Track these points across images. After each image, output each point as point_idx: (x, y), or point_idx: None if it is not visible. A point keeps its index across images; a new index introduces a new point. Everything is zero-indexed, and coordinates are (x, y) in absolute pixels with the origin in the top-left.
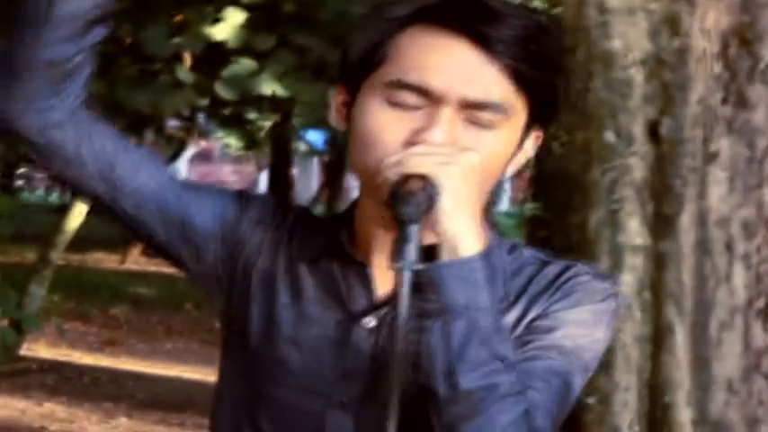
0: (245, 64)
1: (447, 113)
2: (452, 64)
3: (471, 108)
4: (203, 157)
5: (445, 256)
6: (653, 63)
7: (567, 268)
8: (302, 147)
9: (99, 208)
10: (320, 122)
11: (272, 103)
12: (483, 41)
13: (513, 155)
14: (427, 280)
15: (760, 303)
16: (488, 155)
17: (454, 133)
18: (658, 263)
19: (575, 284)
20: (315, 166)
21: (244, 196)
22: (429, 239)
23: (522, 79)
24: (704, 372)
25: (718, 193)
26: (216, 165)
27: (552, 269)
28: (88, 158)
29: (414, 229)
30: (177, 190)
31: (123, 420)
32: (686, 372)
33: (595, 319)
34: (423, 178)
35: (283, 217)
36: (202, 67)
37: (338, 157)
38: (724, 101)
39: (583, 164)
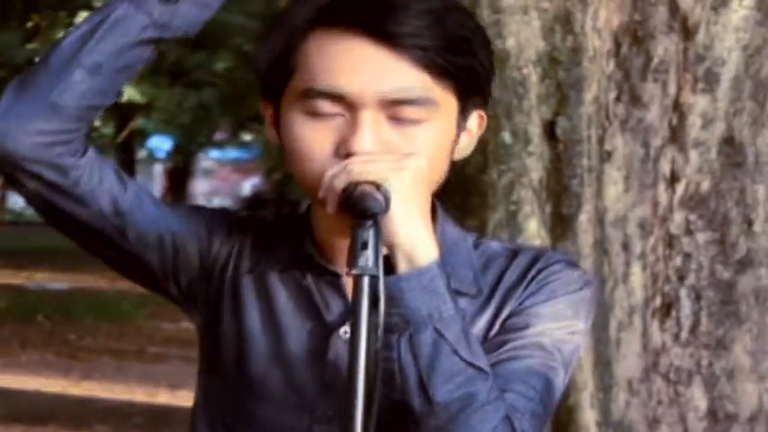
0: None
1: (368, 116)
2: (361, 64)
3: (392, 106)
4: None
5: (401, 267)
6: (547, 62)
7: (537, 257)
8: (143, 153)
9: (96, 247)
10: (172, 128)
11: (117, 108)
12: (388, 37)
13: (454, 142)
14: (386, 294)
15: (656, 303)
16: (425, 150)
17: (382, 136)
18: None
19: (548, 275)
20: (157, 173)
21: (209, 213)
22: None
23: (438, 67)
24: (606, 373)
25: (614, 193)
26: None
27: (523, 260)
28: (101, 195)
29: (371, 232)
30: (169, 217)
31: None
32: (589, 373)
33: (573, 310)
34: (372, 184)
35: (242, 229)
36: None
37: (183, 163)
38: (617, 99)
39: (479, 165)
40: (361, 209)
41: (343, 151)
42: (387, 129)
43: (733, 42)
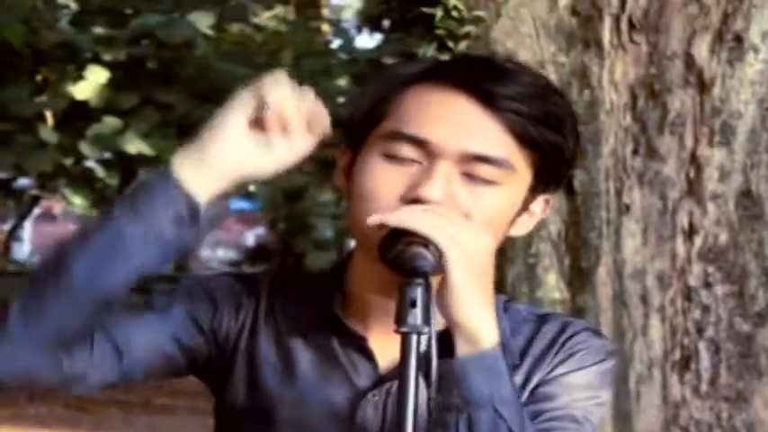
0: (110, 123)
1: (444, 167)
2: (452, 117)
3: (470, 162)
4: (46, 216)
5: (463, 347)
6: None
7: (565, 326)
8: None
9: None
10: None
11: (122, 160)
12: (486, 97)
13: (517, 216)
14: (448, 374)
15: (675, 356)
16: (487, 211)
17: (451, 188)
18: (577, 316)
19: (576, 344)
20: None
21: (212, 287)
22: (437, 325)
23: (525, 136)
24: (626, 426)
25: (632, 246)
26: (60, 224)
27: (551, 327)
28: (103, 371)
29: (419, 290)
30: (165, 327)
31: None
32: (609, 427)
33: (600, 381)
34: (424, 239)
35: (253, 292)
36: (66, 126)
37: None
38: (635, 152)
39: None
40: (411, 267)
41: (410, 196)
42: (457, 183)
43: (749, 96)
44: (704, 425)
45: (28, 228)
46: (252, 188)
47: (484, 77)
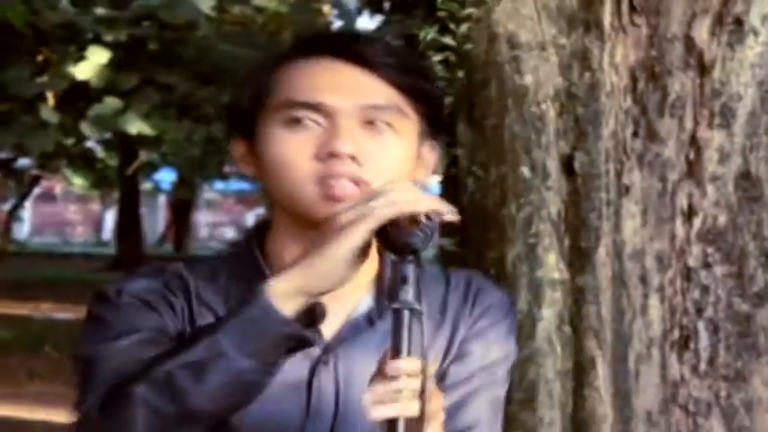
0: (111, 103)
1: (345, 123)
2: (336, 79)
3: (366, 113)
4: (46, 197)
5: None
6: (565, 98)
7: (470, 279)
8: (147, 186)
9: None
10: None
11: (122, 141)
12: (359, 58)
13: (414, 160)
14: None
15: (675, 335)
16: (395, 158)
17: (357, 141)
18: (577, 297)
19: (485, 297)
20: (161, 205)
21: (148, 299)
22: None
23: (403, 85)
24: (625, 404)
25: (631, 227)
26: (60, 204)
27: (458, 282)
28: None
29: (411, 267)
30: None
31: None
32: (608, 405)
33: (508, 333)
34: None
35: (180, 283)
36: (67, 106)
37: (186, 196)
38: (635, 135)
39: (498, 199)
40: (403, 243)
41: (323, 153)
42: (361, 135)
43: (749, 78)
44: (703, 403)
45: (28, 208)
46: None
47: (352, 43)
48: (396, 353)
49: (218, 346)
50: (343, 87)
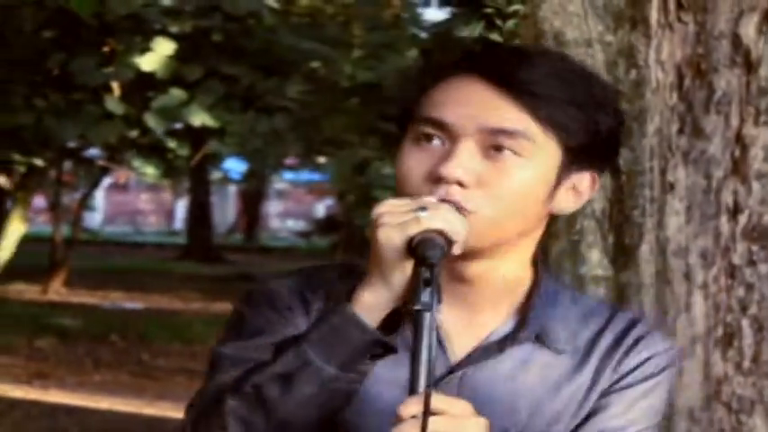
0: (175, 94)
1: (464, 146)
2: (467, 98)
3: (490, 137)
4: (119, 186)
5: None
6: None
7: (633, 323)
8: (217, 175)
9: None
10: (245, 152)
11: (191, 131)
12: (501, 80)
13: (551, 192)
14: None
15: (718, 332)
16: (514, 183)
17: (474, 166)
18: (620, 293)
19: (644, 347)
20: (231, 194)
21: (278, 306)
22: None
23: (542, 114)
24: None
25: (675, 223)
26: (132, 193)
27: (620, 323)
28: None
29: (432, 271)
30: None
31: None
32: None
33: (657, 390)
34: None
35: (321, 284)
36: (132, 97)
37: (257, 185)
38: (680, 131)
39: None
40: (422, 255)
41: (433, 175)
42: (480, 161)
43: None
44: (746, 401)
45: (100, 197)
46: (322, 160)
47: (504, 63)
48: (414, 354)
49: (305, 355)
50: (471, 107)
